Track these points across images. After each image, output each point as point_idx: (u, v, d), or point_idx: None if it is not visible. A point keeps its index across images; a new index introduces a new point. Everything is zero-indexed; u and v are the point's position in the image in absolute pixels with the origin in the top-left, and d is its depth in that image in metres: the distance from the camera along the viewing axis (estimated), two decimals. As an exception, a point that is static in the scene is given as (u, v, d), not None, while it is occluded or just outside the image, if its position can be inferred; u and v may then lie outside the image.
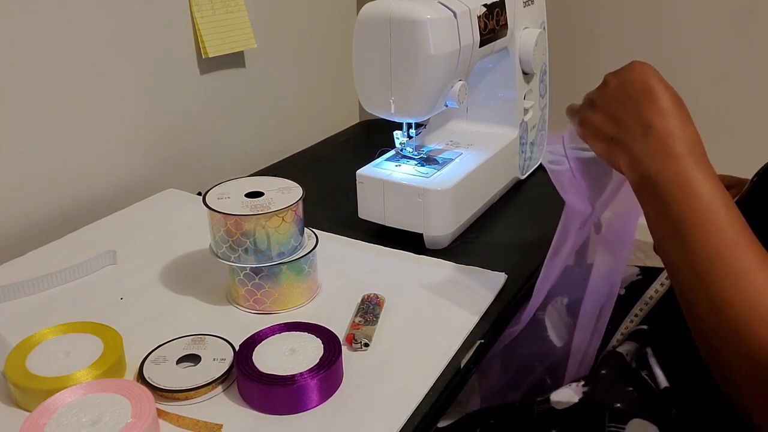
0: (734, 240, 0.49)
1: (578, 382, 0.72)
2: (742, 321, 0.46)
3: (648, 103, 0.55)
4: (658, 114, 0.54)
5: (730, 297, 0.47)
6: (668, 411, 0.65)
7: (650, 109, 0.55)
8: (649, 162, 0.53)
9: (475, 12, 0.81)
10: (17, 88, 0.86)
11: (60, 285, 0.76)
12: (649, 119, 0.54)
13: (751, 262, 0.48)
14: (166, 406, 0.56)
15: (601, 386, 0.70)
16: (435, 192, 0.81)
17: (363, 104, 0.83)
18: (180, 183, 1.06)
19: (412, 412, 0.56)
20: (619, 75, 0.58)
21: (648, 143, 0.54)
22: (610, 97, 0.58)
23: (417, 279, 0.76)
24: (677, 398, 0.65)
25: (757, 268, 0.47)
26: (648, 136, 0.54)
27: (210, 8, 1.10)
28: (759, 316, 0.46)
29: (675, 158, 0.52)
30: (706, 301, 0.49)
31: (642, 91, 0.56)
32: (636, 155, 0.55)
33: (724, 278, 0.48)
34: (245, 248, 0.67)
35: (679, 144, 0.53)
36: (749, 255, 0.48)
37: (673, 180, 0.52)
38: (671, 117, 0.54)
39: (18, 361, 0.58)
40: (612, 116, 0.58)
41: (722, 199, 0.50)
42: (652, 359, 0.68)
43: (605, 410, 0.67)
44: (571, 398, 0.70)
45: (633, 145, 0.55)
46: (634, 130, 0.55)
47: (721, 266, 0.48)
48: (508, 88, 0.96)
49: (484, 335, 0.67)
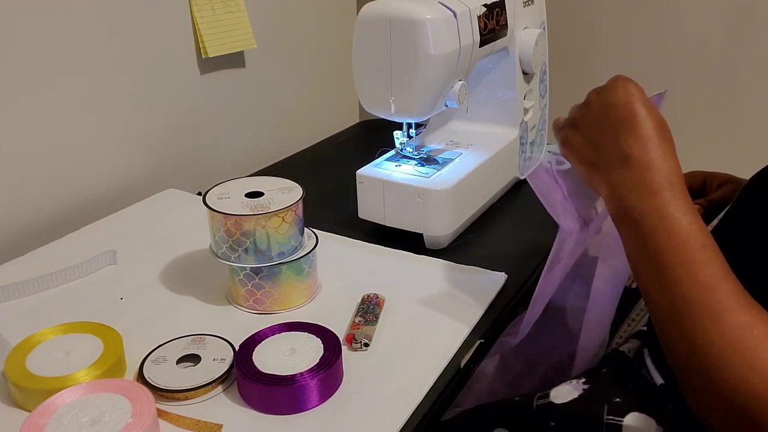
0: (711, 281, 0.48)
1: (578, 378, 0.72)
2: (718, 363, 0.46)
3: (629, 132, 0.53)
4: (639, 144, 0.53)
5: (707, 339, 0.46)
6: (665, 405, 0.65)
7: (631, 138, 0.53)
8: (627, 194, 0.52)
9: (475, 12, 0.81)
10: (17, 88, 0.86)
11: (60, 285, 0.76)
12: (628, 149, 0.53)
13: (727, 304, 0.47)
14: (166, 406, 0.56)
15: (601, 383, 0.70)
16: (435, 192, 0.81)
17: (363, 104, 0.83)
18: (180, 183, 1.06)
19: (412, 412, 0.56)
20: (602, 96, 0.57)
21: (626, 175, 0.53)
22: (591, 121, 0.57)
23: (417, 279, 0.76)
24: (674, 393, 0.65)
25: (734, 309, 0.46)
26: (626, 167, 0.53)
27: (210, 8, 1.10)
28: (735, 359, 0.45)
29: (653, 192, 0.51)
30: (683, 340, 0.48)
31: (624, 118, 0.54)
32: (614, 185, 0.54)
33: (700, 320, 0.47)
34: (245, 248, 0.67)
35: (658, 177, 0.51)
36: (726, 296, 0.47)
37: (650, 215, 0.51)
38: (652, 147, 0.52)
39: (18, 361, 0.58)
40: (592, 141, 0.56)
41: (700, 237, 0.49)
42: (648, 359, 0.69)
43: (604, 404, 0.67)
44: (571, 394, 0.70)
45: (611, 174, 0.54)
46: (613, 160, 0.54)
47: (698, 308, 0.47)
48: (508, 88, 0.96)
49: (484, 335, 0.67)
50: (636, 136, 0.53)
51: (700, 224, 0.50)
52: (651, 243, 0.50)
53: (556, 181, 0.66)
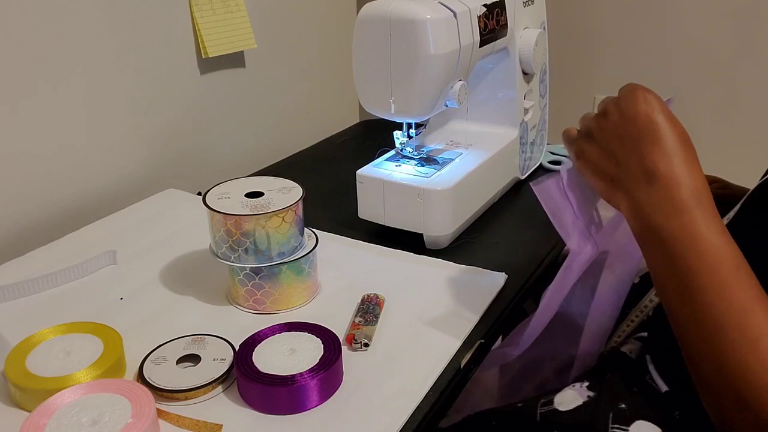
0: (746, 304, 0.46)
1: (581, 382, 0.71)
2: (758, 390, 0.44)
3: (652, 145, 0.50)
4: (663, 158, 0.50)
5: (743, 365, 0.45)
6: (671, 413, 0.64)
7: (655, 153, 0.50)
8: (652, 212, 0.50)
9: (475, 12, 0.81)
10: (17, 88, 0.86)
11: (60, 285, 0.76)
12: (653, 164, 0.50)
13: (764, 329, 0.45)
14: (166, 406, 0.56)
15: (605, 389, 0.70)
16: (435, 192, 0.81)
17: (363, 104, 0.83)
18: (180, 183, 1.06)
19: (412, 412, 0.56)
20: (620, 107, 0.53)
21: (651, 191, 0.50)
22: (610, 133, 0.53)
23: (417, 279, 0.76)
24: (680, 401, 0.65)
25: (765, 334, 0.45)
26: (652, 183, 0.50)
27: (210, 8, 1.10)
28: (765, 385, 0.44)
29: (681, 211, 0.48)
30: (714, 365, 0.46)
31: (646, 131, 0.51)
32: (638, 203, 0.51)
33: (735, 344, 0.45)
34: (245, 248, 0.67)
35: (685, 193, 0.49)
36: (762, 320, 0.45)
37: (679, 235, 0.48)
38: (677, 162, 0.50)
39: (18, 361, 0.58)
40: (612, 154, 0.53)
41: (733, 257, 0.47)
42: (651, 366, 0.69)
43: (609, 412, 0.67)
44: (575, 400, 0.69)
45: (635, 191, 0.51)
46: (636, 175, 0.51)
47: (732, 332, 0.45)
48: (508, 88, 0.96)
49: (484, 335, 0.67)
50: (660, 150, 0.50)
51: (732, 244, 0.48)
52: (681, 264, 0.48)
53: (567, 198, 0.63)
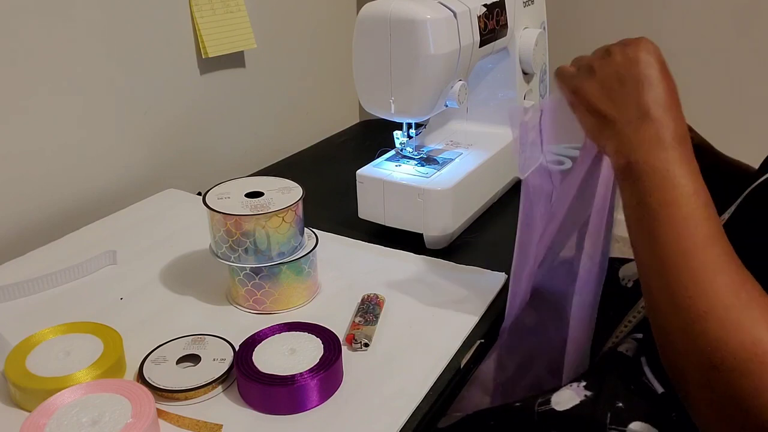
0: (704, 239, 0.48)
1: (579, 382, 0.71)
2: (703, 316, 0.46)
3: (649, 89, 0.54)
4: (656, 102, 0.53)
5: (698, 292, 0.47)
6: (668, 414, 0.65)
7: (649, 96, 0.54)
8: (638, 148, 0.53)
9: (475, 12, 0.81)
10: (17, 88, 0.86)
11: (60, 285, 0.76)
12: (646, 106, 0.53)
13: (721, 264, 0.48)
14: (166, 406, 0.56)
15: (602, 387, 0.70)
16: (435, 192, 0.81)
17: (363, 104, 0.83)
18: (180, 183, 1.06)
19: (412, 412, 0.56)
20: (626, 51, 0.56)
21: (641, 130, 0.53)
22: (611, 73, 0.56)
23: (417, 279, 0.76)
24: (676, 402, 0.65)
25: (725, 270, 0.47)
26: (643, 122, 0.53)
27: (210, 8, 1.10)
28: (720, 314, 0.46)
29: (664, 149, 0.52)
30: (668, 296, 0.49)
31: (646, 75, 0.54)
32: (626, 140, 0.54)
33: (687, 276, 0.48)
34: (245, 248, 0.67)
35: (670, 135, 0.52)
36: (716, 256, 0.48)
37: (658, 170, 0.51)
38: (669, 108, 0.53)
39: (18, 361, 0.58)
40: (610, 93, 0.56)
41: (701, 198, 0.50)
42: (646, 368, 0.69)
43: (607, 411, 0.67)
44: (572, 399, 0.70)
45: (625, 128, 0.54)
46: (629, 114, 0.54)
47: (687, 264, 0.48)
48: (508, 88, 0.96)
49: (484, 335, 0.67)
50: (655, 94, 0.53)
51: (703, 187, 0.51)
52: (655, 196, 0.51)
53: (540, 131, 0.65)
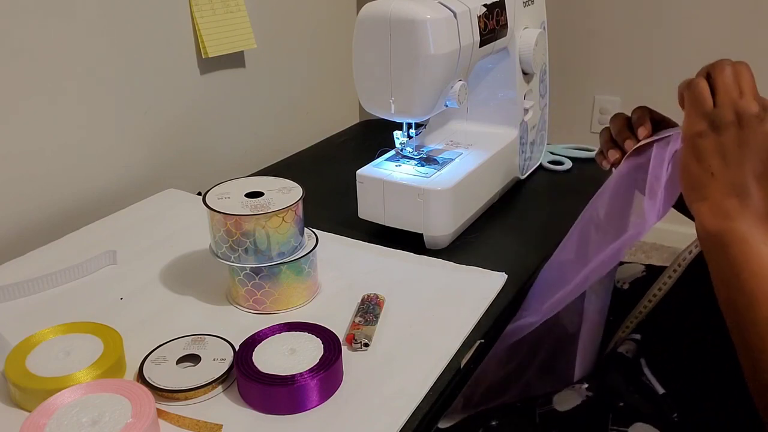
0: None
1: (581, 384, 0.72)
2: None
3: (761, 162, 0.54)
4: (764, 176, 0.54)
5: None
6: (670, 415, 0.65)
7: (761, 168, 0.53)
8: (736, 218, 0.53)
9: (475, 12, 0.81)
10: (17, 88, 0.87)
11: (60, 285, 0.76)
12: (756, 178, 0.53)
13: None
14: (166, 406, 0.56)
15: (603, 388, 0.70)
16: (435, 192, 0.81)
17: (363, 104, 0.83)
18: (180, 183, 1.06)
19: (412, 412, 0.56)
20: (762, 125, 0.54)
21: (743, 200, 0.54)
22: (742, 142, 0.55)
23: (417, 279, 0.76)
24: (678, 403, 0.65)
25: None
26: (747, 194, 0.53)
27: (210, 8, 1.10)
28: None
29: (762, 224, 0.53)
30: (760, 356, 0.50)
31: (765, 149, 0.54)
32: (725, 206, 0.54)
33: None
34: (245, 248, 0.67)
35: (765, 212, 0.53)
36: None
37: (750, 243, 0.52)
38: None
39: (18, 361, 0.58)
40: (729, 157, 0.55)
41: None
42: (646, 369, 0.69)
43: (608, 411, 0.67)
44: (574, 400, 0.70)
45: (727, 194, 0.54)
46: (738, 180, 0.54)
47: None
48: (508, 88, 0.96)
49: (484, 335, 0.67)
50: (765, 169, 0.53)
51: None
52: (746, 268, 0.51)
53: (666, 167, 0.64)
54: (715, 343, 0.59)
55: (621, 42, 1.45)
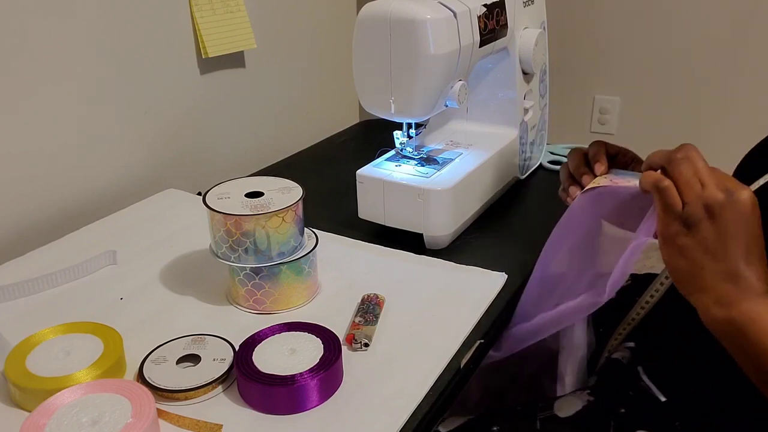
0: None
1: (583, 390, 0.72)
2: None
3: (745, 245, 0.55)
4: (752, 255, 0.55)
5: None
6: (672, 423, 0.65)
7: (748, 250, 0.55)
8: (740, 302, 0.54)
9: (475, 12, 0.81)
10: (17, 88, 0.86)
11: (60, 285, 0.76)
12: (746, 261, 0.55)
13: None
14: (166, 406, 0.56)
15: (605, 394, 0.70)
16: (435, 192, 0.81)
17: (363, 104, 0.83)
18: (180, 183, 1.06)
19: (412, 412, 0.56)
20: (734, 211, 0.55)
21: (740, 284, 0.55)
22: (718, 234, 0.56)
23: (417, 279, 0.76)
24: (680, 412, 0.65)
25: None
26: (741, 277, 0.55)
27: (210, 8, 1.10)
28: None
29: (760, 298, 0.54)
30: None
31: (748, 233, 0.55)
32: (725, 293, 0.55)
33: None
34: (245, 248, 0.67)
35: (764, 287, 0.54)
36: None
37: (757, 320, 0.53)
38: (761, 258, 0.55)
39: (18, 361, 0.58)
40: (708, 247, 0.56)
41: None
42: (644, 376, 0.69)
43: (610, 417, 0.67)
44: (575, 405, 0.70)
45: (724, 282, 0.55)
46: (730, 268, 0.55)
47: None
48: (508, 88, 0.96)
49: (484, 335, 0.67)
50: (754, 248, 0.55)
51: None
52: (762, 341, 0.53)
53: None
54: (709, 350, 0.59)
55: (621, 42, 1.45)
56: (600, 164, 0.71)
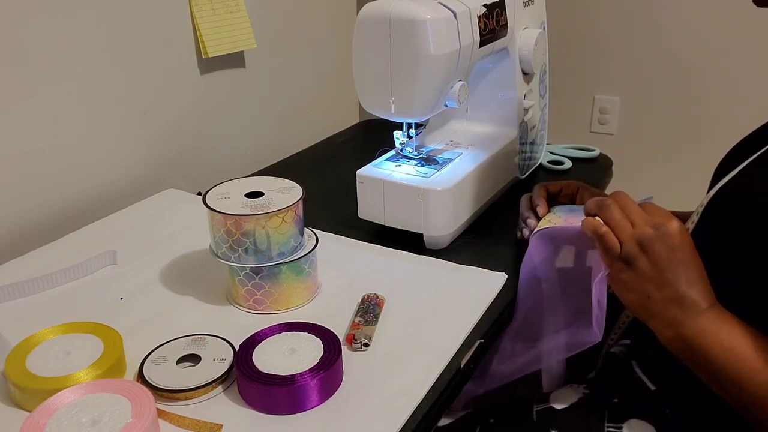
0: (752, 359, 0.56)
1: (579, 384, 0.72)
2: None
3: (686, 270, 0.59)
4: (692, 279, 0.59)
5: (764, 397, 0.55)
6: (662, 410, 0.66)
7: (687, 275, 0.59)
8: (685, 321, 0.59)
9: (475, 12, 0.81)
10: (17, 88, 0.86)
11: (60, 285, 0.76)
12: (687, 284, 0.59)
13: None
14: (166, 406, 0.56)
15: (598, 386, 0.71)
16: (435, 192, 0.81)
17: (363, 104, 0.83)
18: (180, 183, 1.06)
19: (412, 412, 0.56)
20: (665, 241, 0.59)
21: (684, 305, 0.59)
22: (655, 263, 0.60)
23: (417, 279, 0.76)
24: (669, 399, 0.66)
25: None
26: (684, 299, 0.59)
27: (210, 8, 1.10)
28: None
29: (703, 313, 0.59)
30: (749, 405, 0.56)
31: (683, 259, 0.59)
32: (672, 316, 0.60)
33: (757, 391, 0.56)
34: (245, 248, 0.67)
35: (707, 303, 0.59)
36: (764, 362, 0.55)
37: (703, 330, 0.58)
38: (701, 279, 0.59)
39: (18, 361, 0.58)
40: (653, 280, 0.60)
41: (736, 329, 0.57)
42: (638, 369, 0.70)
43: (604, 408, 0.68)
44: (570, 397, 0.71)
45: (669, 307, 0.60)
46: (672, 293, 0.59)
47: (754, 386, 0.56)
48: (508, 88, 0.96)
49: (483, 335, 0.68)
50: (692, 273, 0.59)
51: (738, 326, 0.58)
52: (710, 348, 0.58)
53: None
54: None
55: (621, 42, 1.45)
56: (540, 207, 0.79)
